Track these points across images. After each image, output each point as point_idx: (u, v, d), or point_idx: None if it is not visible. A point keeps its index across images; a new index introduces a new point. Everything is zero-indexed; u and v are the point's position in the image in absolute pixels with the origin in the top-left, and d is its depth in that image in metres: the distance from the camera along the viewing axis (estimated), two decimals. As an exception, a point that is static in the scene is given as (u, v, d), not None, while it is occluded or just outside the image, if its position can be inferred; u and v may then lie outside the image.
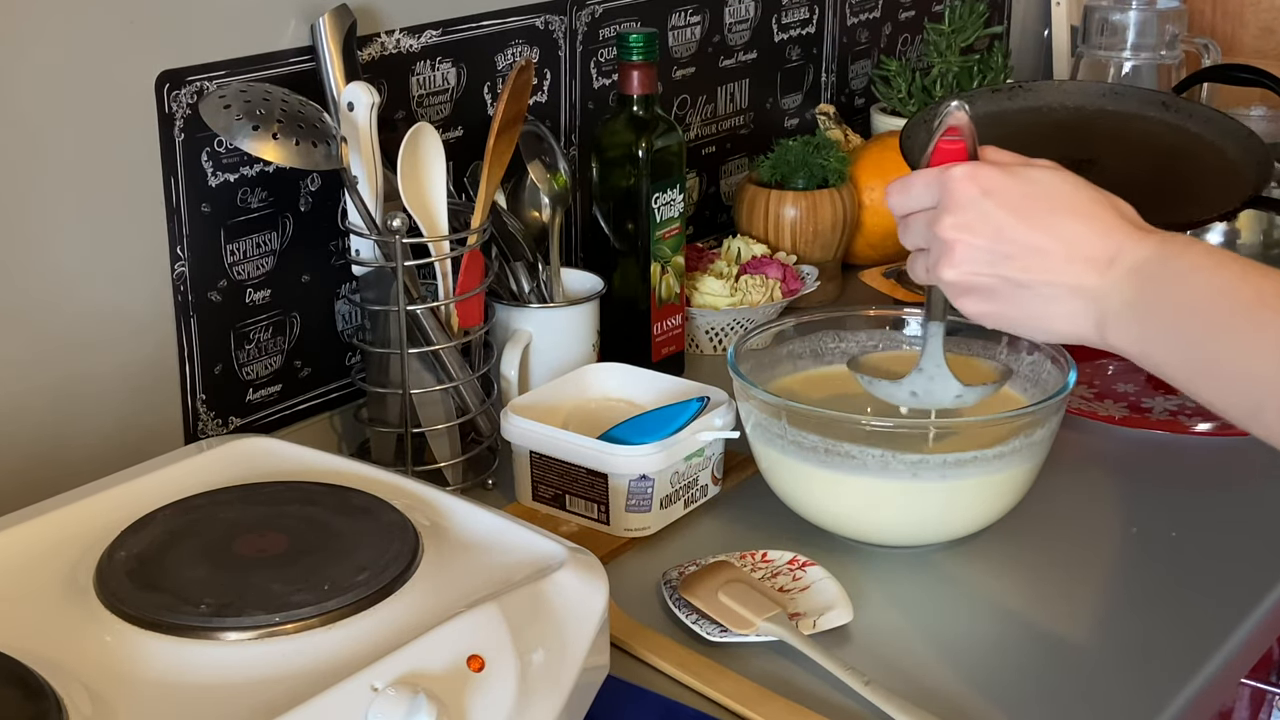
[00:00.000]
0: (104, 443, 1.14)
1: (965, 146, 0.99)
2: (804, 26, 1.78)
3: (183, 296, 1.17)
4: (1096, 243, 0.90)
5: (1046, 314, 0.92)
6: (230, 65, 1.17)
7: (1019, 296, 0.92)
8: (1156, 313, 0.88)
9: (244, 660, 0.81)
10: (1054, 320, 0.92)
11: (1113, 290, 0.89)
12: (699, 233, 1.69)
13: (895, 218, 1.00)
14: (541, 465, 1.19)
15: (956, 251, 0.93)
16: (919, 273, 0.98)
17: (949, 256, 0.93)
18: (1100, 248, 0.90)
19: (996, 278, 0.92)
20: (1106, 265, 0.90)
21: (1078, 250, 0.90)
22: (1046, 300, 0.92)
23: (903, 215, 0.99)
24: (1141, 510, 1.23)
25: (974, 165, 0.95)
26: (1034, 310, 0.92)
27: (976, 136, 0.99)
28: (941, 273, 0.94)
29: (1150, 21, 2.02)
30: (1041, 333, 0.95)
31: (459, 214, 1.24)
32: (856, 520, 1.15)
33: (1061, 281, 0.91)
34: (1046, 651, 1.05)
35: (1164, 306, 0.88)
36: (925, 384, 1.10)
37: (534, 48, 1.42)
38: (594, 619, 0.89)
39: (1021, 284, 0.92)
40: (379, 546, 0.89)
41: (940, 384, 1.10)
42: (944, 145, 0.99)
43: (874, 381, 1.13)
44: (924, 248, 0.97)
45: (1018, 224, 0.91)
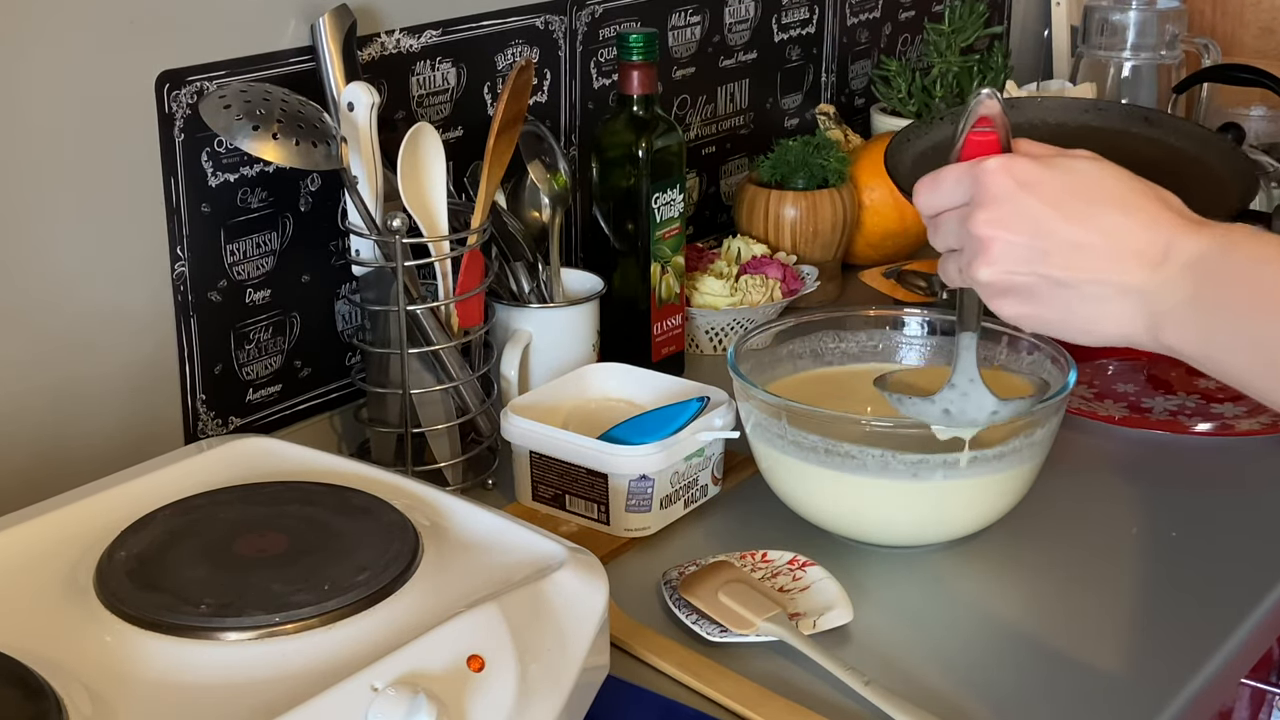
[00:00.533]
0: (104, 443, 1.14)
1: (998, 138, 0.92)
2: (804, 26, 1.78)
3: (183, 296, 1.17)
4: (1144, 236, 0.84)
5: (1092, 315, 0.86)
6: (230, 65, 1.17)
7: (1061, 297, 0.86)
8: (1220, 311, 0.83)
9: (244, 660, 0.81)
10: (1100, 322, 0.86)
11: (1166, 288, 0.84)
12: (699, 233, 1.69)
13: (924, 218, 0.94)
14: (541, 465, 1.19)
15: (993, 249, 0.87)
16: (951, 275, 0.92)
17: (985, 255, 0.87)
18: (1149, 242, 0.84)
19: (1036, 276, 0.86)
20: (1158, 261, 0.84)
21: (1124, 245, 0.85)
22: (1092, 300, 0.86)
23: (932, 215, 0.92)
24: (1141, 510, 1.23)
25: (1008, 157, 0.89)
26: (1078, 311, 0.86)
27: (1009, 127, 0.93)
28: (977, 273, 0.88)
29: (1150, 21, 2.03)
30: (1086, 335, 0.88)
31: (459, 214, 1.24)
32: (856, 520, 1.15)
33: (1108, 279, 0.85)
34: (1046, 651, 1.05)
35: (1228, 304, 0.82)
36: (959, 400, 1.03)
37: (534, 48, 1.42)
38: (594, 619, 0.89)
39: (1064, 283, 0.86)
40: (379, 546, 0.89)
41: (975, 399, 1.03)
42: (975, 137, 0.92)
43: (904, 400, 1.07)
44: (956, 248, 0.91)
45: (1057, 218, 0.85)
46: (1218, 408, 1.40)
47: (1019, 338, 1.24)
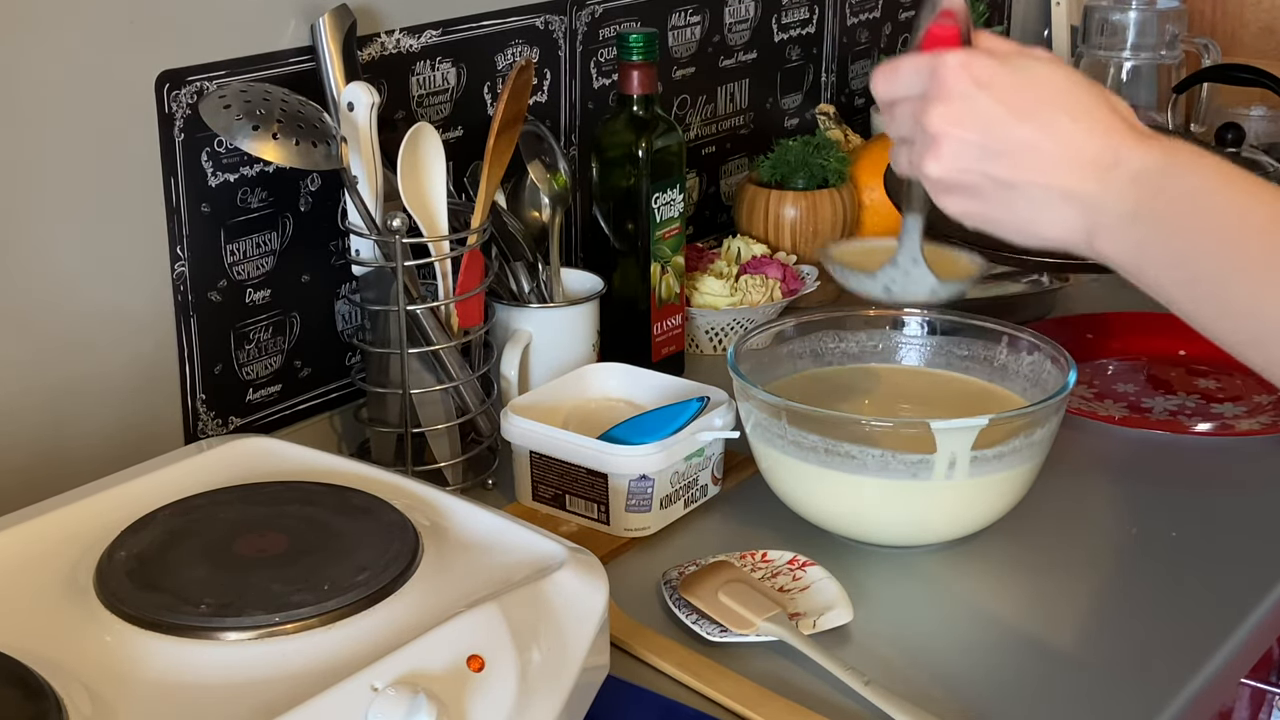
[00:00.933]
0: (104, 443, 1.14)
1: (958, 31, 0.91)
2: (804, 26, 1.78)
3: (183, 296, 1.17)
4: (1095, 144, 0.84)
5: (1035, 218, 0.87)
6: (230, 65, 1.17)
7: (1006, 198, 0.86)
8: (1157, 229, 0.83)
9: (244, 660, 0.81)
10: (1041, 225, 0.87)
11: (1110, 198, 0.84)
12: (699, 233, 1.69)
13: (880, 104, 0.93)
14: (541, 465, 1.19)
15: (943, 146, 0.87)
16: (901, 164, 0.92)
17: (935, 150, 0.87)
18: (1098, 150, 0.84)
19: (984, 176, 0.86)
20: (1104, 170, 0.84)
21: (1073, 151, 0.84)
22: (1036, 203, 0.86)
23: (888, 101, 0.92)
24: (1141, 510, 1.23)
25: (968, 53, 0.88)
26: (1021, 213, 0.87)
27: (972, 22, 0.92)
28: (926, 167, 0.88)
29: (1150, 21, 2.02)
30: (1027, 236, 0.88)
31: (459, 214, 1.24)
32: (856, 520, 1.15)
33: (1054, 184, 0.85)
34: (1047, 651, 1.05)
35: (1166, 224, 0.83)
36: (901, 278, 1.04)
37: (534, 48, 1.42)
38: (594, 619, 0.89)
39: (1010, 184, 0.86)
40: (379, 546, 0.89)
41: (916, 278, 1.03)
42: (936, 30, 0.91)
43: (846, 272, 1.07)
44: (908, 139, 0.91)
45: (1010, 119, 0.85)
46: (1218, 408, 1.40)
47: (1019, 337, 1.24)
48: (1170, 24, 2.03)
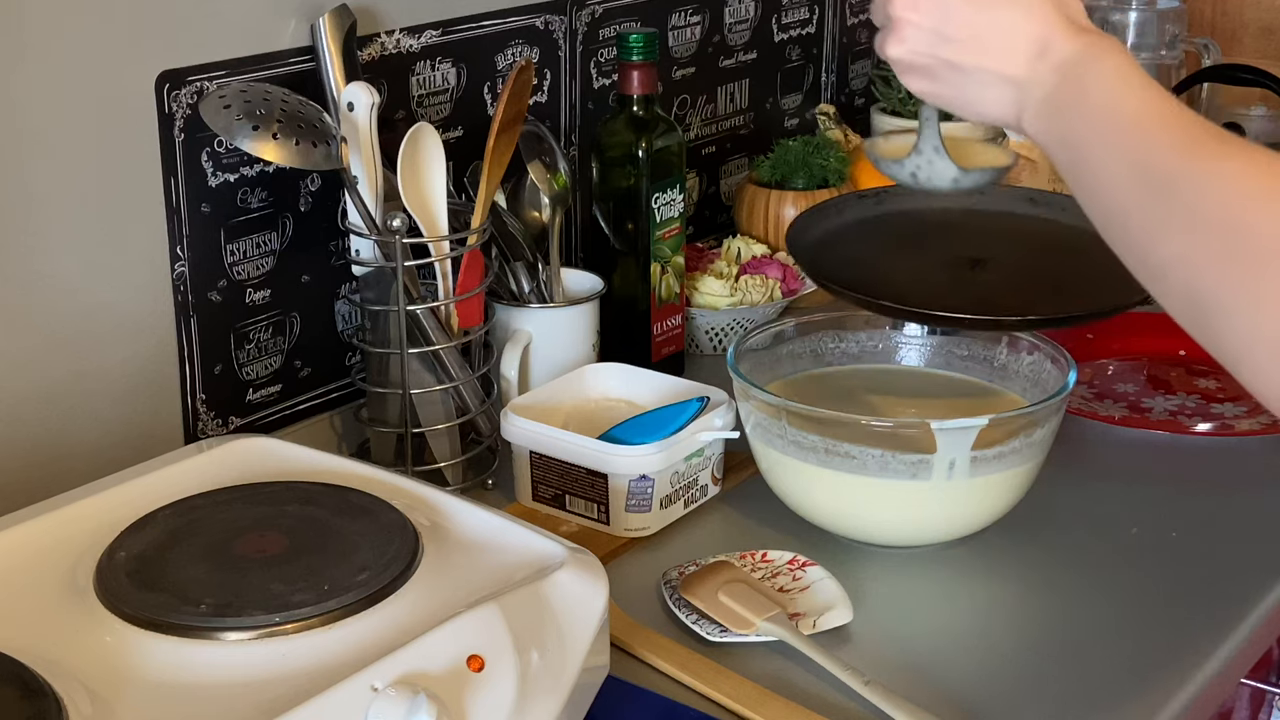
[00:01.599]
0: (104, 443, 1.14)
1: None
2: (804, 26, 1.78)
3: (183, 296, 1.17)
4: (1031, 32, 0.92)
5: (977, 98, 0.95)
6: (230, 65, 1.17)
7: (955, 79, 0.95)
8: (1063, 111, 0.91)
9: (244, 660, 0.81)
10: (983, 104, 0.96)
11: (1035, 82, 0.92)
12: (699, 233, 1.69)
13: None
14: (541, 465, 1.19)
15: (902, 30, 0.96)
16: (878, 49, 1.00)
17: (896, 34, 0.96)
18: (1034, 39, 0.92)
19: (936, 60, 0.95)
20: (1035, 57, 0.92)
21: (1012, 40, 0.93)
22: (979, 85, 0.95)
23: None
24: (1141, 510, 1.23)
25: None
26: (968, 94, 0.96)
27: None
28: (887, 49, 0.97)
29: (1150, 21, 2.02)
30: (973, 114, 0.97)
31: (459, 214, 1.24)
32: (856, 520, 1.15)
33: (993, 69, 0.94)
34: (1047, 651, 1.05)
35: (1076, 107, 0.90)
36: (925, 166, 1.10)
37: (534, 48, 1.42)
38: (594, 619, 0.89)
39: (958, 68, 0.95)
40: (379, 546, 0.89)
41: (939, 167, 1.10)
42: None
43: (884, 162, 1.13)
44: (880, 25, 0.99)
45: (963, 9, 0.94)
46: (1218, 408, 1.40)
47: (1019, 337, 1.24)
48: (1170, 24, 2.03)
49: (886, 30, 0.98)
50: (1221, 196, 0.79)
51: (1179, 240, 0.80)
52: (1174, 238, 0.80)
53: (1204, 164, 0.81)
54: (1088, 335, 1.51)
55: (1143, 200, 0.83)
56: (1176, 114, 0.85)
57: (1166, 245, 0.81)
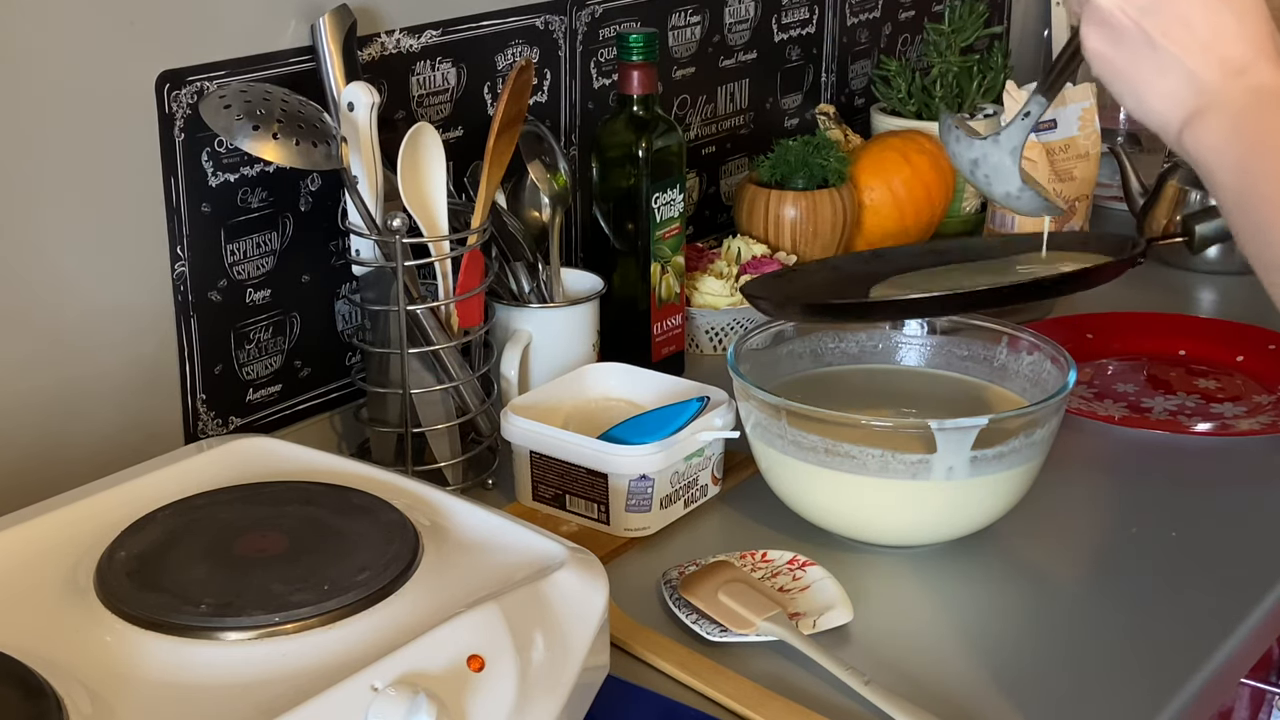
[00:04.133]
0: (104, 443, 1.14)
1: None
2: (804, 26, 1.78)
3: (183, 296, 1.17)
4: (1238, 47, 0.89)
5: (1153, 82, 0.90)
6: (230, 65, 1.17)
7: (1141, 53, 0.90)
8: (1245, 136, 0.87)
9: (244, 660, 0.81)
10: (1154, 90, 0.91)
11: (1224, 97, 0.88)
12: (699, 233, 1.69)
13: None
14: (541, 465, 1.19)
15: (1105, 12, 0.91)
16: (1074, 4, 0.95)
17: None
18: (1239, 52, 0.89)
19: (1135, 24, 0.90)
20: (1235, 73, 0.88)
21: (1218, 43, 0.89)
22: (1161, 69, 0.90)
23: None
24: (1141, 510, 1.23)
25: None
26: (1144, 72, 0.91)
27: None
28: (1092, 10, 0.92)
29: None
30: (1133, 97, 0.92)
31: (459, 214, 1.24)
32: (856, 520, 1.15)
33: (1188, 62, 0.89)
34: (1046, 651, 1.05)
35: (1256, 134, 0.87)
36: (993, 161, 1.06)
37: (534, 48, 1.42)
38: (594, 619, 0.89)
39: (1152, 42, 0.90)
40: (379, 546, 0.89)
41: (1005, 170, 1.06)
42: None
43: (953, 130, 1.09)
44: None
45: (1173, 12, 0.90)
46: (1218, 408, 1.40)
47: (1019, 337, 1.24)
48: (1170, 24, 2.03)
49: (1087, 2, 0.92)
50: None
51: None
52: None
53: None
54: (1087, 335, 1.51)
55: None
56: None
57: None
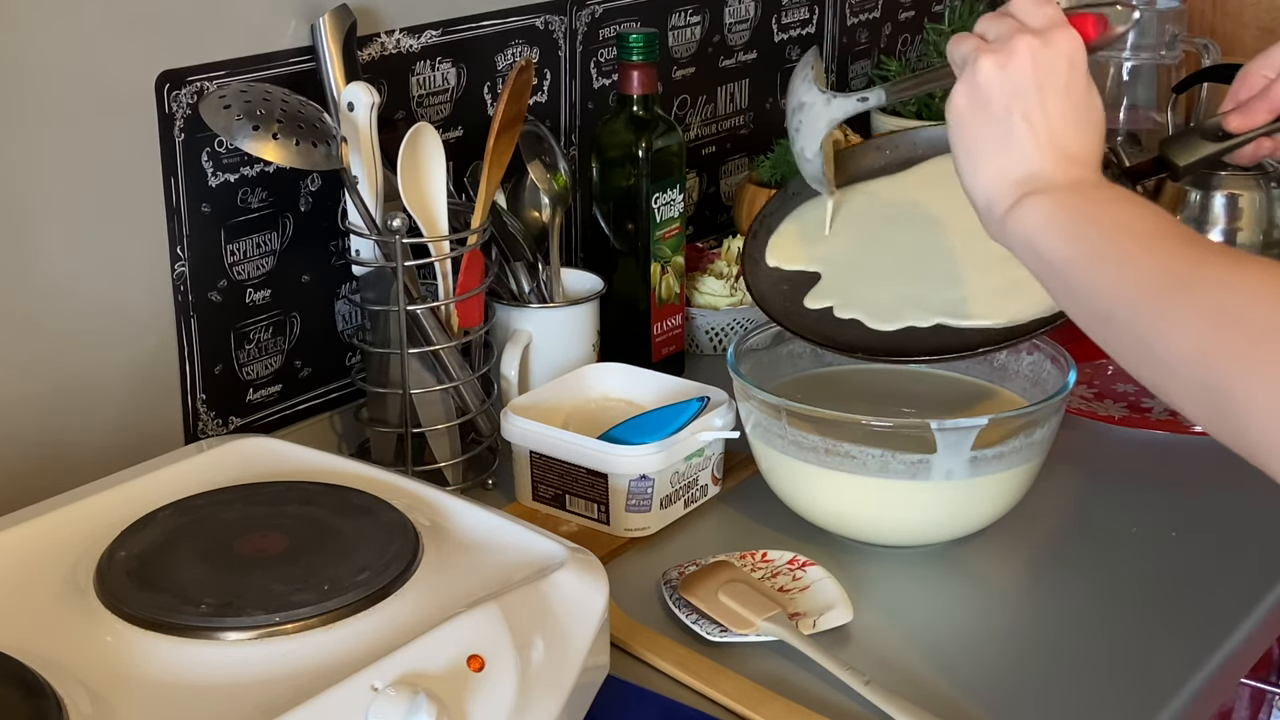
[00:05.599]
0: (104, 443, 1.14)
1: (1096, 32, 1.03)
2: (804, 26, 1.78)
3: (183, 296, 1.17)
4: (1078, 146, 0.96)
5: (994, 155, 0.95)
6: (230, 65, 1.17)
7: (996, 127, 0.95)
8: (1082, 205, 0.92)
9: (244, 660, 0.81)
10: (991, 164, 0.95)
11: (1055, 182, 0.93)
12: (699, 233, 1.69)
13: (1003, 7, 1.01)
14: (541, 465, 1.19)
15: (1013, 62, 0.95)
16: (963, 49, 0.99)
17: (1004, 57, 0.95)
18: (1076, 150, 0.95)
19: (1005, 102, 0.95)
20: (1069, 163, 0.94)
21: (1063, 137, 0.95)
22: (1007, 147, 0.95)
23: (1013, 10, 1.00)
24: (1141, 510, 1.23)
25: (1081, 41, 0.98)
26: (990, 144, 0.96)
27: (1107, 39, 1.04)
28: (983, 59, 0.96)
29: (1150, 21, 2.02)
30: (970, 164, 0.97)
31: (459, 214, 1.24)
32: (856, 520, 1.15)
33: (1032, 147, 0.95)
34: (1046, 651, 1.05)
35: (1091, 203, 0.92)
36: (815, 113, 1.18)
37: (534, 48, 1.42)
38: (594, 619, 0.89)
39: (1010, 121, 0.95)
40: (379, 546, 0.89)
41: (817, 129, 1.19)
42: (1086, 18, 1.04)
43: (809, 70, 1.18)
44: (990, 39, 0.98)
45: (1061, 93, 0.96)
46: (1218, 408, 1.40)
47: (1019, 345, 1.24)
48: (1170, 24, 2.03)
49: (998, 48, 0.96)
50: (1243, 295, 0.79)
51: (1196, 337, 0.80)
52: (1190, 334, 0.80)
53: (1223, 267, 0.82)
54: (1088, 335, 1.51)
55: (1158, 298, 0.83)
56: (1192, 232, 0.88)
57: (1182, 342, 0.81)
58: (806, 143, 1.21)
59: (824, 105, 1.19)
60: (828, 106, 1.19)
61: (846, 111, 1.19)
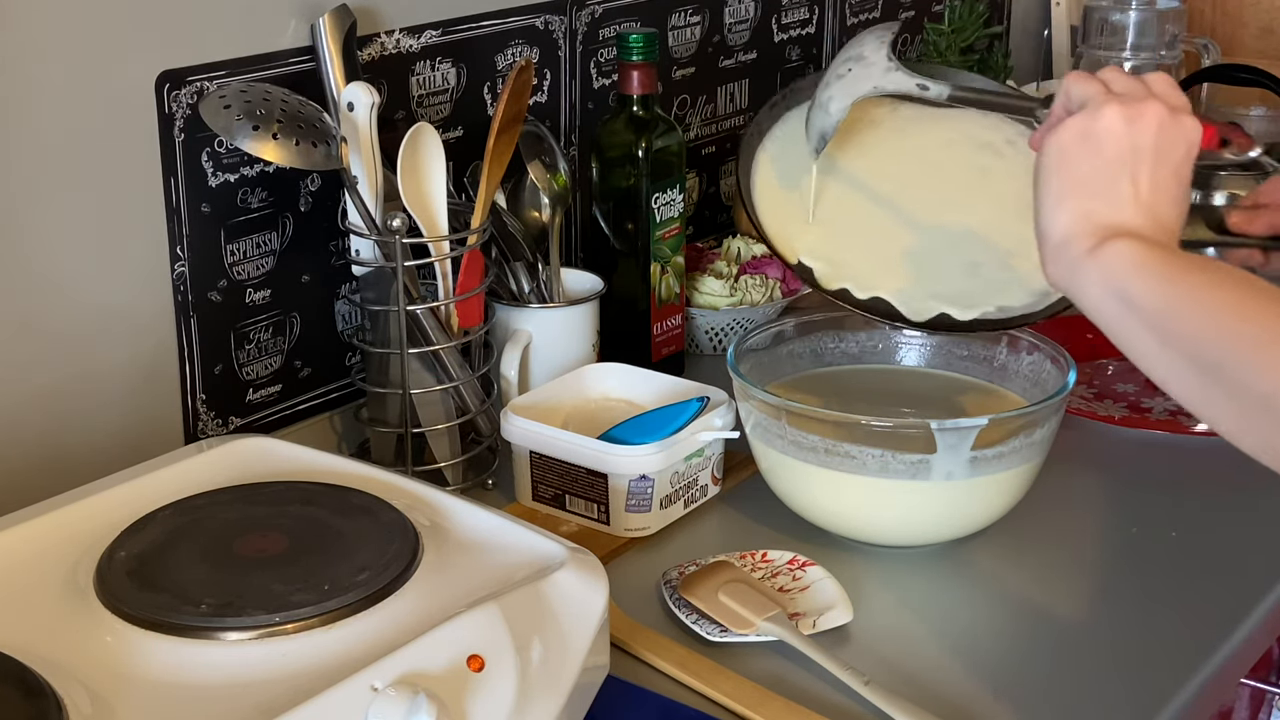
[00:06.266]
0: (104, 443, 1.14)
1: (1215, 134, 1.02)
2: (804, 26, 1.78)
3: (183, 296, 1.17)
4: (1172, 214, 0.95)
5: (1091, 195, 0.94)
6: (230, 65, 1.17)
7: (1103, 174, 0.94)
8: (1166, 258, 0.90)
9: (244, 660, 0.81)
10: (1084, 204, 0.94)
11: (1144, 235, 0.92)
12: (699, 233, 1.69)
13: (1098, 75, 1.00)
14: (541, 465, 1.19)
15: (1141, 123, 0.94)
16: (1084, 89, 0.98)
17: (1136, 116, 0.94)
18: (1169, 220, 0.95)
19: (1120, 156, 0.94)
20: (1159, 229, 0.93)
21: (1157, 207, 0.94)
22: (1109, 194, 0.93)
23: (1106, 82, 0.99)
24: (1141, 510, 1.23)
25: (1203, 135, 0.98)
26: (1088, 181, 0.94)
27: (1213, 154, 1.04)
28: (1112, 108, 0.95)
29: (1150, 21, 2.02)
30: (1056, 195, 0.95)
31: (459, 214, 1.24)
32: (856, 520, 1.15)
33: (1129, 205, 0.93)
34: (1046, 651, 1.05)
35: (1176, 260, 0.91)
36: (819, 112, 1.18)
37: (534, 48, 1.42)
38: (594, 619, 0.89)
39: (1119, 176, 0.94)
40: (379, 546, 0.89)
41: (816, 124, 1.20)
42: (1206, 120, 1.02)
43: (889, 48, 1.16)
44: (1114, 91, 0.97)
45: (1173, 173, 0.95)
46: (1218, 408, 1.40)
47: (1019, 337, 1.24)
48: (1170, 24, 2.03)
49: (1128, 103, 0.95)
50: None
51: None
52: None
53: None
54: (1087, 335, 1.51)
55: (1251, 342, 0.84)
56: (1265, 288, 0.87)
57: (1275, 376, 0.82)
58: (838, 95, 1.17)
59: (881, 70, 1.15)
60: (884, 73, 1.15)
61: (897, 88, 1.15)
